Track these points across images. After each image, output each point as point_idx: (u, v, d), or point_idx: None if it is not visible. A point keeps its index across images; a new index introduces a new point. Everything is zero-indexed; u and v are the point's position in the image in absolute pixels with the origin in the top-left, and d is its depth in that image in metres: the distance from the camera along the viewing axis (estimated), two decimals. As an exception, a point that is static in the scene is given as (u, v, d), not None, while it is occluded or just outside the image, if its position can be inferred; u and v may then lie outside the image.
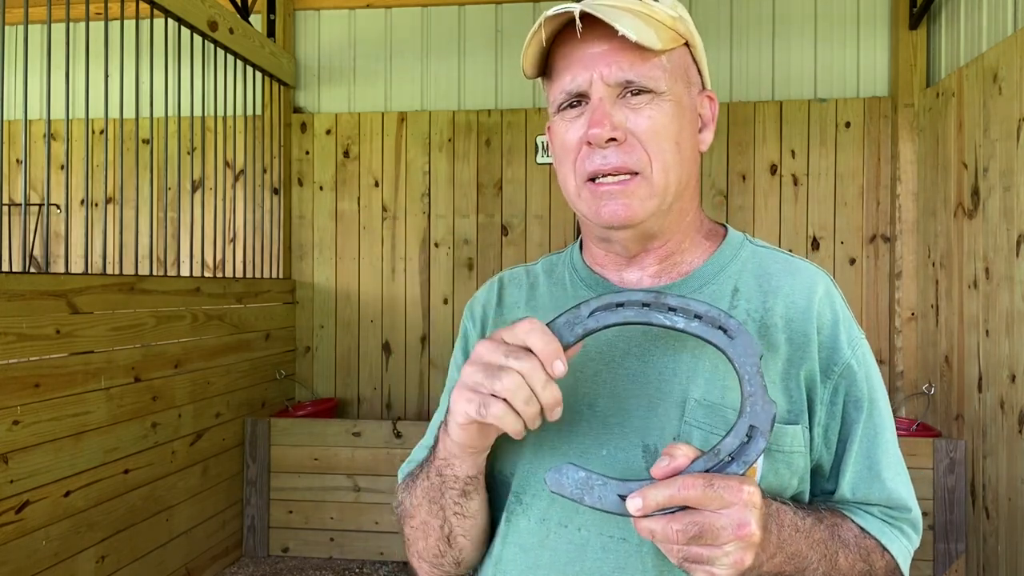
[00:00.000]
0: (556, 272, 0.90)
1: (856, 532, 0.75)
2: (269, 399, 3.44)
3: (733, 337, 0.64)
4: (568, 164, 0.77)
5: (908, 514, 0.78)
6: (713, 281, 0.80)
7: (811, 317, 0.77)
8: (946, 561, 2.76)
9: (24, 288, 2.00)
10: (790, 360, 0.75)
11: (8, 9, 3.07)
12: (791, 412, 0.74)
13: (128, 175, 3.34)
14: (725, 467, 0.61)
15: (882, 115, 3.36)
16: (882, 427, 0.77)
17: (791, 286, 0.79)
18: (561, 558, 0.73)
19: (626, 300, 0.67)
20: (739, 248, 0.83)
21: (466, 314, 0.93)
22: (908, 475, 0.79)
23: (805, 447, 0.74)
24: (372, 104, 3.77)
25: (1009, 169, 2.36)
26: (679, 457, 0.60)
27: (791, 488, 0.75)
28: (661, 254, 0.81)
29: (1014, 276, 2.31)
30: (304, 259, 3.76)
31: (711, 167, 3.48)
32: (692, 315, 0.65)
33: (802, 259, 0.84)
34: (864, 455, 0.76)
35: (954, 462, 2.73)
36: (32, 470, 2.02)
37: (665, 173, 0.74)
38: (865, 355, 0.79)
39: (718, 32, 3.52)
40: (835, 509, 0.77)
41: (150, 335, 2.53)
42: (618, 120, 0.73)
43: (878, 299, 3.38)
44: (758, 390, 0.63)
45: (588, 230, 0.84)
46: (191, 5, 2.77)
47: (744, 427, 0.62)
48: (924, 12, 3.15)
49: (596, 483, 0.62)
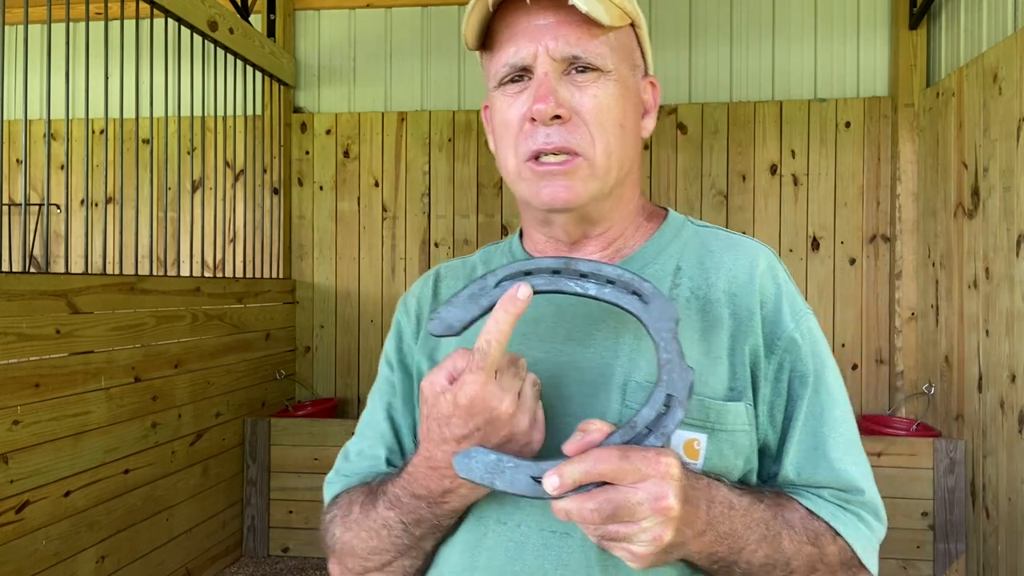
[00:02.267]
0: (494, 262, 0.86)
1: (803, 514, 0.70)
2: (269, 399, 3.44)
3: (647, 302, 0.60)
4: (509, 142, 0.73)
5: (861, 496, 0.72)
6: (654, 261, 0.78)
7: (754, 291, 0.74)
8: (946, 561, 2.76)
9: (24, 288, 2.00)
10: (734, 336, 0.72)
11: (8, 9, 3.07)
12: (734, 389, 0.71)
13: (128, 175, 3.34)
14: (643, 440, 0.58)
15: (882, 115, 3.36)
16: (830, 404, 0.73)
17: (733, 261, 0.76)
18: (499, 557, 0.69)
19: (535, 268, 0.63)
20: (680, 228, 0.81)
21: (400, 308, 0.88)
22: (864, 456, 0.74)
23: (750, 425, 0.71)
24: (372, 104, 3.77)
25: (1009, 169, 2.36)
26: (593, 432, 0.58)
27: (737, 469, 0.71)
28: (603, 240, 0.78)
29: (1014, 276, 2.31)
30: (304, 259, 3.76)
31: (711, 167, 3.48)
32: (604, 280, 0.62)
33: (745, 236, 0.81)
34: (809, 433, 0.72)
35: (954, 462, 2.73)
36: (32, 470, 2.02)
37: (608, 156, 0.71)
38: (811, 329, 0.75)
39: (718, 32, 3.52)
40: (781, 491, 0.72)
41: (150, 335, 2.53)
42: (563, 97, 0.69)
43: (878, 299, 3.38)
44: (674, 357, 0.59)
45: (528, 214, 0.80)
46: (191, 5, 2.77)
47: (661, 397, 0.59)
48: (924, 12, 3.15)
49: (507, 465, 0.57)
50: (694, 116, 3.49)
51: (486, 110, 0.82)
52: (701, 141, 3.49)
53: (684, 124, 3.50)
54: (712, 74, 3.53)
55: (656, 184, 3.50)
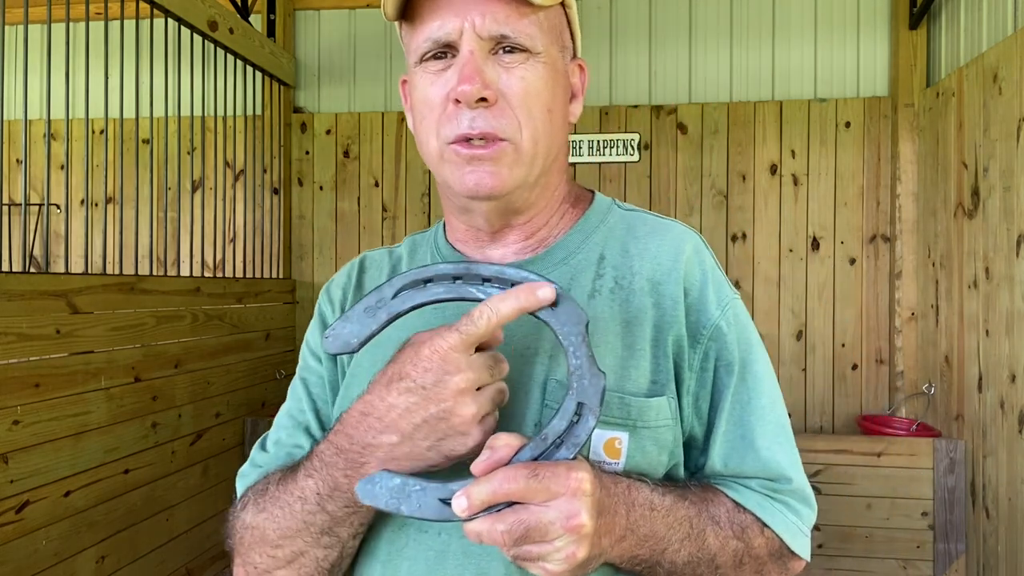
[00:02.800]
0: (419, 252, 0.83)
1: (729, 507, 0.68)
2: (269, 399, 3.44)
3: (555, 305, 0.57)
4: (430, 124, 0.69)
5: (789, 485, 0.70)
6: (578, 251, 0.74)
7: (678, 278, 0.71)
8: (946, 561, 2.76)
9: (24, 288, 2.00)
10: (657, 326, 0.69)
11: (8, 9, 3.07)
12: (656, 383, 0.68)
13: (128, 175, 3.34)
14: (554, 453, 0.55)
15: (882, 115, 3.36)
16: (757, 391, 0.71)
17: (657, 247, 0.73)
18: (420, 567, 0.67)
19: (435, 275, 0.60)
20: (606, 214, 0.78)
21: (322, 297, 0.85)
22: (792, 444, 0.72)
23: (674, 419, 0.68)
24: (372, 104, 3.77)
25: (1009, 169, 2.36)
26: (501, 448, 0.55)
27: (662, 465, 0.69)
28: (526, 230, 0.75)
29: (1014, 276, 2.31)
30: (304, 259, 3.76)
31: (711, 167, 3.48)
32: (509, 284, 0.59)
33: (673, 220, 0.77)
34: (736, 423, 0.70)
35: (954, 462, 2.73)
36: (32, 470, 2.02)
37: (535, 142, 0.68)
38: (738, 315, 0.72)
39: (718, 32, 3.52)
40: (708, 485, 0.71)
41: (150, 335, 2.53)
42: (490, 78, 0.65)
43: (878, 299, 3.38)
44: (584, 362, 0.57)
45: (448, 201, 0.76)
46: (191, 5, 2.76)
47: (572, 405, 0.56)
48: (924, 12, 3.15)
49: (413, 489, 0.55)
50: (694, 116, 3.49)
51: (404, 85, 0.77)
52: (701, 141, 3.49)
53: (684, 124, 3.50)
54: (712, 74, 3.53)
55: (656, 184, 3.50)
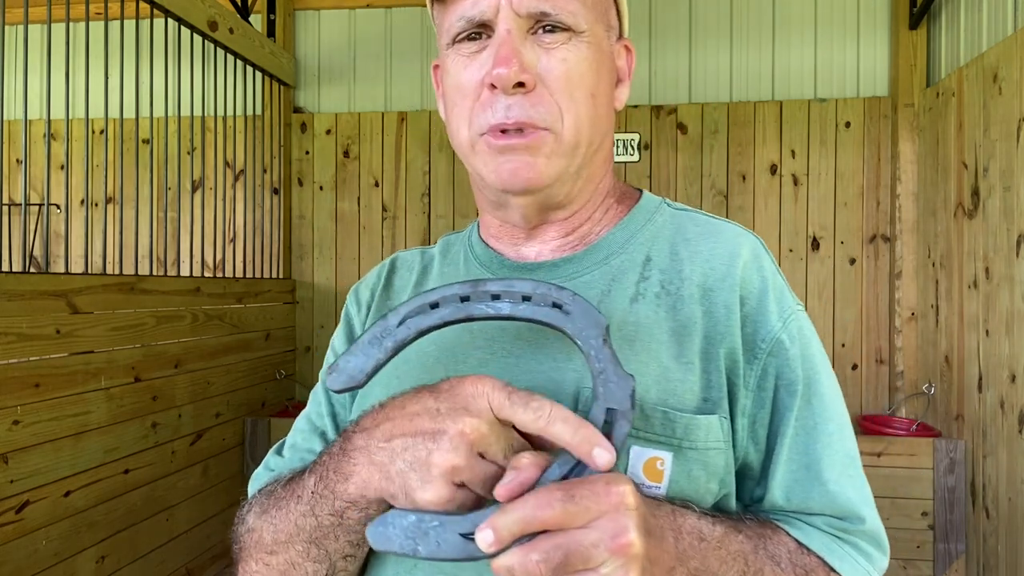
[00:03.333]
0: (452, 251, 0.78)
1: (792, 547, 0.60)
2: (269, 399, 3.44)
3: (569, 312, 0.54)
4: (462, 111, 0.63)
5: (861, 525, 0.62)
6: (622, 251, 0.68)
7: (733, 285, 0.63)
8: (946, 561, 2.76)
9: (24, 288, 2.00)
10: (708, 337, 0.62)
11: (8, 9, 3.07)
12: (708, 400, 0.60)
13: (128, 175, 3.34)
14: (584, 468, 0.49)
15: (882, 115, 3.36)
16: (823, 416, 0.62)
17: (710, 250, 0.66)
18: None
19: (440, 298, 0.56)
20: (653, 212, 0.71)
21: (350, 299, 0.81)
22: (863, 476, 0.64)
23: (725, 442, 0.60)
24: (372, 104, 3.77)
25: (1009, 169, 2.36)
26: (526, 468, 0.48)
27: (710, 494, 0.61)
28: (566, 226, 0.69)
29: (1014, 276, 2.31)
30: (304, 259, 3.76)
31: (711, 167, 3.48)
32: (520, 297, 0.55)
33: (728, 221, 0.70)
34: (800, 451, 0.62)
35: (954, 462, 2.73)
36: (32, 470, 2.02)
37: (577, 130, 0.62)
38: (802, 329, 0.64)
39: (718, 32, 3.52)
40: (765, 519, 0.62)
41: (150, 335, 2.53)
42: (528, 61, 0.60)
43: (878, 299, 3.38)
44: (608, 365, 0.52)
45: (482, 194, 0.70)
46: (191, 5, 2.76)
47: (600, 412, 0.51)
48: (924, 12, 3.15)
49: (431, 525, 0.48)
50: (694, 116, 3.49)
51: (436, 70, 0.71)
52: (701, 141, 3.49)
53: (684, 124, 3.50)
54: (712, 74, 3.53)
55: (656, 184, 3.50)
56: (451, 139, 0.67)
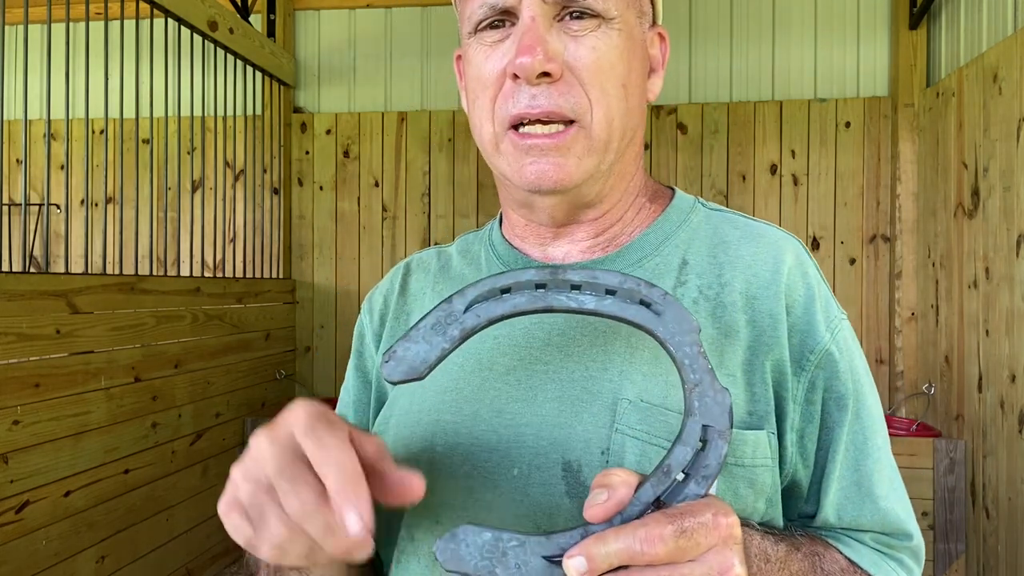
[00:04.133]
0: (472, 250, 0.74)
1: (843, 565, 0.58)
2: (269, 399, 3.44)
3: (660, 312, 0.47)
4: (484, 104, 0.59)
5: (909, 542, 0.61)
6: (656, 253, 0.64)
7: (778, 293, 0.60)
8: (946, 561, 2.76)
9: (24, 288, 2.00)
10: (752, 348, 0.58)
11: (8, 9, 3.07)
12: (753, 414, 0.57)
13: (128, 175, 3.34)
14: (680, 490, 0.45)
15: (882, 115, 3.36)
16: (872, 431, 0.60)
17: (753, 255, 0.62)
18: None
19: (513, 283, 0.49)
20: (689, 212, 0.67)
21: (364, 307, 0.76)
22: (904, 489, 0.63)
23: (773, 459, 0.57)
24: (372, 104, 3.77)
25: (1009, 169, 2.36)
26: (619, 488, 0.43)
27: (757, 513, 0.58)
28: (597, 226, 0.65)
29: (1014, 276, 2.31)
30: (304, 259, 3.76)
31: (711, 167, 3.48)
32: (603, 291, 0.49)
33: (767, 223, 0.67)
34: (851, 468, 0.59)
35: (954, 462, 2.73)
36: (32, 470, 2.02)
37: (608, 123, 0.58)
38: (847, 340, 0.62)
39: (718, 32, 3.52)
40: (814, 535, 0.60)
41: (150, 335, 2.53)
42: (554, 49, 0.56)
43: (878, 299, 3.38)
44: (704, 376, 0.46)
45: (506, 192, 0.66)
46: (191, 5, 2.76)
47: (695, 429, 0.46)
48: (924, 12, 3.15)
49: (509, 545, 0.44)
50: (694, 116, 3.49)
51: (458, 61, 0.67)
52: (701, 141, 3.49)
53: (684, 124, 3.50)
54: (712, 74, 3.53)
55: (656, 184, 3.50)
56: (474, 137, 0.63)
